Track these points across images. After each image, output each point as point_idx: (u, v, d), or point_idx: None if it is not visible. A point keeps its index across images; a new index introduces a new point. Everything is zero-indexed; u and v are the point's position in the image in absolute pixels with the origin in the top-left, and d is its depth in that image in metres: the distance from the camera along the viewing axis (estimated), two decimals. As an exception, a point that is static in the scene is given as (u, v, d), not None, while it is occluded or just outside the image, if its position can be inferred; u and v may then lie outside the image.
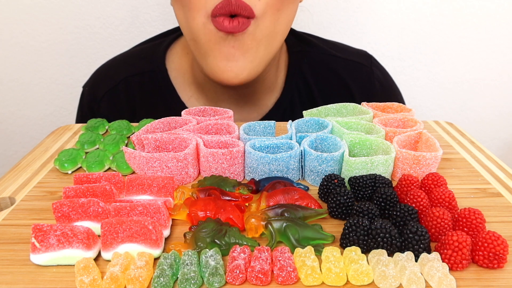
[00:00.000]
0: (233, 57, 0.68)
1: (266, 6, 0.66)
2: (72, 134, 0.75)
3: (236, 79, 0.70)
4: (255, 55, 0.70)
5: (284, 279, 0.41)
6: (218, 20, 0.65)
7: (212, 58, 0.69)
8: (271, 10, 0.67)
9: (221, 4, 0.64)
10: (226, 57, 0.68)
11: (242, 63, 0.69)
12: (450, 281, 0.40)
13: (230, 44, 0.67)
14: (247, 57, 0.69)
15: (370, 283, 0.41)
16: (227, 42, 0.67)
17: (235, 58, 0.68)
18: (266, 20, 0.67)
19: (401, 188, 0.53)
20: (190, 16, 0.68)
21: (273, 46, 0.72)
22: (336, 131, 0.64)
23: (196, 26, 0.68)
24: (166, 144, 0.62)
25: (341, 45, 0.95)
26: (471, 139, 0.72)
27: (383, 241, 0.43)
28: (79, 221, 0.48)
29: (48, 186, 0.59)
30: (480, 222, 0.46)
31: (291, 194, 0.52)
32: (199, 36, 0.68)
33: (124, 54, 0.93)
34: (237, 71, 0.69)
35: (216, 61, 0.69)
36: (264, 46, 0.70)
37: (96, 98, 0.88)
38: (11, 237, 0.48)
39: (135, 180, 0.54)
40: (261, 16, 0.66)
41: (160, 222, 0.47)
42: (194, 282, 0.40)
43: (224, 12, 0.64)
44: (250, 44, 0.68)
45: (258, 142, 0.60)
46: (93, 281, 0.40)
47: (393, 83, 0.94)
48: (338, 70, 0.89)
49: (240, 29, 0.65)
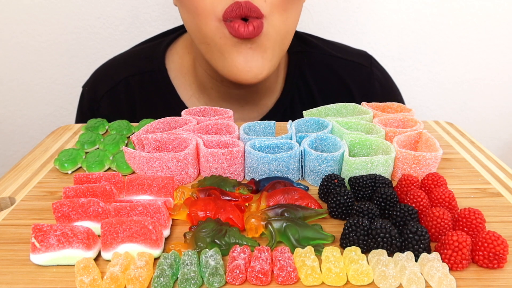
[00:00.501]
0: (252, 57, 0.69)
1: (272, 7, 0.66)
2: (72, 134, 0.75)
3: (256, 79, 0.71)
4: (273, 54, 0.71)
5: (284, 279, 0.41)
6: (233, 26, 0.65)
7: (229, 59, 0.69)
8: (278, 11, 0.67)
9: (231, 7, 0.64)
10: (245, 58, 0.69)
11: (261, 63, 0.69)
12: (450, 281, 0.40)
13: (248, 46, 0.68)
14: (266, 57, 0.70)
15: (370, 283, 0.41)
16: (244, 45, 0.68)
17: (254, 58, 0.69)
18: (275, 19, 0.68)
19: (401, 188, 0.53)
20: (201, 22, 0.68)
21: (285, 45, 0.74)
22: (336, 131, 0.64)
23: (210, 32, 0.68)
24: (166, 144, 0.62)
25: (341, 45, 0.95)
26: (471, 139, 0.72)
27: (383, 241, 0.43)
28: (79, 221, 0.48)
29: (48, 186, 0.59)
30: (480, 222, 0.46)
31: (291, 194, 0.52)
32: (214, 40, 0.69)
33: (124, 54, 0.93)
34: (257, 71, 0.70)
35: (234, 62, 0.69)
36: (279, 45, 0.71)
37: (96, 98, 0.88)
38: (11, 237, 0.48)
39: (135, 180, 0.54)
40: (269, 15, 0.67)
41: (160, 222, 0.47)
42: (194, 282, 0.40)
43: (235, 15, 0.64)
44: (267, 44, 0.69)
45: (258, 142, 0.60)
46: (93, 281, 0.40)
47: (393, 83, 0.95)
48: (338, 70, 0.89)
49: (257, 33, 0.66)
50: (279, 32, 0.69)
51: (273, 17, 0.67)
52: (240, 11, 0.64)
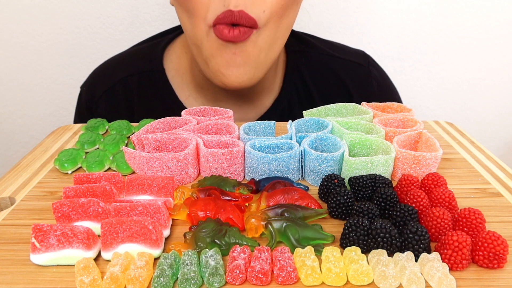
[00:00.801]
0: (234, 62, 0.68)
1: (270, 16, 0.66)
2: (72, 134, 0.75)
3: (237, 84, 0.70)
4: (257, 61, 0.70)
5: (284, 279, 0.41)
6: (219, 28, 0.65)
7: (213, 63, 0.69)
8: (274, 19, 0.67)
9: (223, 14, 0.64)
10: (227, 63, 0.68)
11: (243, 69, 0.69)
12: (450, 281, 0.40)
13: (232, 51, 0.67)
14: (249, 63, 0.69)
15: (370, 283, 0.41)
16: (228, 49, 0.67)
17: (236, 63, 0.69)
18: (268, 29, 0.67)
19: (401, 188, 0.53)
20: (194, 23, 0.68)
21: (274, 52, 0.73)
22: (336, 131, 0.64)
23: (200, 33, 0.68)
24: (166, 144, 0.62)
25: (339, 45, 0.95)
26: (471, 139, 0.72)
27: (383, 241, 0.43)
28: (79, 221, 0.48)
29: (48, 186, 0.59)
30: (480, 222, 0.46)
31: (291, 194, 0.52)
32: (202, 42, 0.69)
33: (122, 54, 0.93)
34: (239, 75, 0.70)
35: (217, 66, 0.69)
36: (265, 53, 0.70)
37: (94, 98, 0.88)
38: (11, 237, 0.48)
39: (135, 180, 0.54)
40: (264, 25, 0.67)
41: (160, 222, 0.47)
42: (194, 282, 0.40)
43: (225, 21, 0.64)
44: (251, 51, 0.68)
45: (258, 142, 0.60)
46: (93, 281, 0.40)
47: (390, 82, 0.95)
48: (336, 70, 0.89)
49: (242, 38, 0.65)
50: (268, 40, 0.69)
51: (266, 28, 0.67)
52: (231, 19, 0.64)
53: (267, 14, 0.66)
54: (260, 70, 0.72)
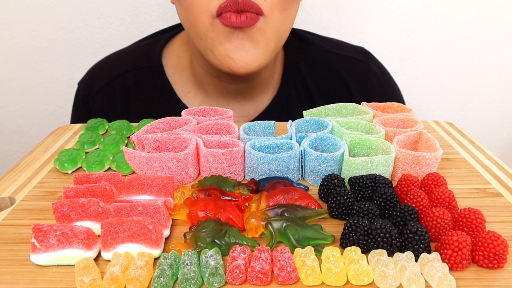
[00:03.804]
0: (243, 47, 0.68)
1: (272, 5, 0.66)
2: (72, 134, 0.75)
3: (247, 68, 0.70)
4: (266, 48, 0.70)
5: (284, 279, 0.41)
6: (225, 16, 0.65)
7: (221, 49, 0.69)
8: (278, 9, 0.67)
9: (226, 2, 0.64)
10: (236, 47, 0.68)
11: (252, 53, 0.69)
12: (450, 281, 0.40)
13: (240, 37, 0.68)
14: (258, 49, 0.69)
15: (370, 283, 0.41)
16: (236, 35, 0.67)
17: (245, 48, 0.68)
18: (274, 18, 0.68)
19: (401, 188, 0.53)
20: (194, 18, 0.68)
21: (280, 43, 0.73)
22: (336, 131, 0.64)
23: (203, 26, 0.68)
24: (166, 144, 0.62)
25: (338, 41, 0.95)
26: (471, 139, 0.72)
27: (383, 241, 0.43)
28: (79, 221, 0.48)
29: (48, 186, 0.59)
30: (480, 222, 0.46)
31: (291, 194, 0.52)
32: (206, 34, 0.69)
33: (121, 51, 0.93)
34: (248, 60, 0.69)
35: (226, 51, 0.69)
36: (274, 42, 0.71)
37: (91, 93, 0.88)
38: (11, 237, 0.48)
39: (135, 180, 0.54)
40: (269, 14, 0.67)
41: (160, 222, 0.47)
42: (194, 282, 0.40)
43: (231, 9, 0.64)
44: (259, 38, 0.68)
45: (258, 142, 0.60)
46: (93, 281, 0.40)
47: (391, 78, 0.94)
48: (335, 66, 0.89)
49: (249, 24, 0.65)
50: (276, 31, 0.69)
51: (272, 16, 0.67)
52: (236, 6, 0.64)
53: (269, 3, 0.66)
54: (268, 57, 0.72)
